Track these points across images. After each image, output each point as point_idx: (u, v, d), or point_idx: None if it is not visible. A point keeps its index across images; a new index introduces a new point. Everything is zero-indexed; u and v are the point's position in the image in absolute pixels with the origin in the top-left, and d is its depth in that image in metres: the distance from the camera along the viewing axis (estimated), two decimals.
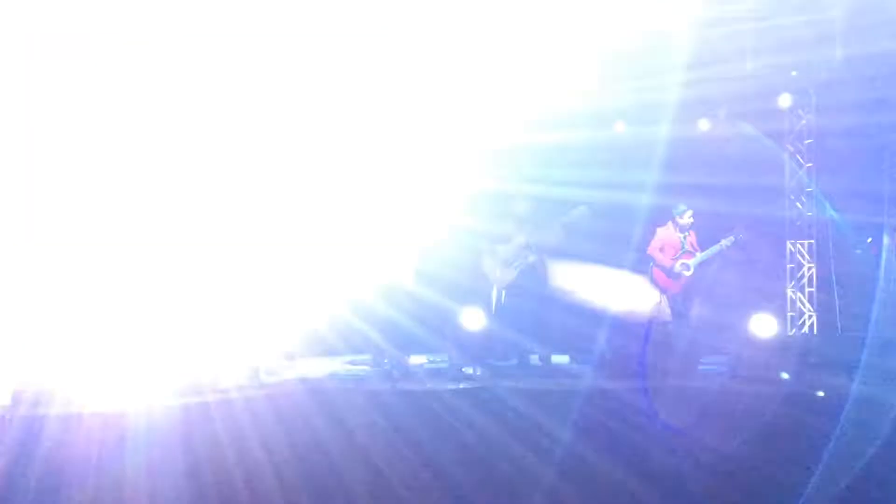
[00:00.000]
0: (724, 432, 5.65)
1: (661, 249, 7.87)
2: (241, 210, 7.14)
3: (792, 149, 9.25)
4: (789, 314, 9.12)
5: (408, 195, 8.16)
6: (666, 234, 7.94)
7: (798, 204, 9.22)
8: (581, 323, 7.96)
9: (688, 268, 7.76)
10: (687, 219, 7.86)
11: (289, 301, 7.56)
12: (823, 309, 8.93)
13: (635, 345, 7.06)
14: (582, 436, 5.64)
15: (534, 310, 7.85)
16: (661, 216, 8.14)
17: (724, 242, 7.76)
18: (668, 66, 8.12)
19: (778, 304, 8.88)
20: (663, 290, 7.84)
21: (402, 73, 7.83)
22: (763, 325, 6.15)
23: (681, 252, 7.84)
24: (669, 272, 7.80)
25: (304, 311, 7.89)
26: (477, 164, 8.47)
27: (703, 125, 9.11)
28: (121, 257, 6.47)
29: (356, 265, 8.48)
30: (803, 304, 9.10)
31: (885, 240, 8.13)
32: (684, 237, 7.91)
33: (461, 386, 6.16)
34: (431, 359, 8.06)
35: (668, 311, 7.80)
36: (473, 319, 6.20)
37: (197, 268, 6.66)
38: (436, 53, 7.79)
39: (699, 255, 7.81)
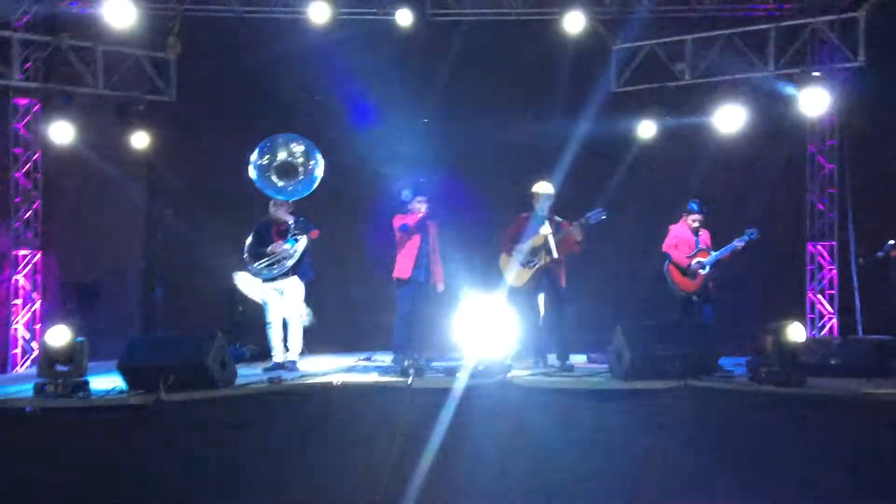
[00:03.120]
0: None
1: (676, 247, 7.76)
2: None
3: (814, 149, 9.16)
4: (810, 317, 9.02)
5: None
6: (679, 231, 7.84)
7: (819, 206, 9.12)
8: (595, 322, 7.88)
9: (703, 266, 7.63)
10: (694, 223, 7.74)
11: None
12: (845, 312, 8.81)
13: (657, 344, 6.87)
14: None
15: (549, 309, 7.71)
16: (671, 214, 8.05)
17: (739, 242, 7.61)
18: None
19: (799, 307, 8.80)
20: (680, 289, 7.71)
21: None
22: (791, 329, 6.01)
23: (695, 250, 7.72)
24: (685, 270, 7.67)
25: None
26: None
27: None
28: None
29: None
30: (824, 307, 8.99)
31: None
32: (697, 235, 7.79)
33: (481, 382, 6.00)
34: (449, 356, 7.92)
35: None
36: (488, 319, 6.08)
37: None
38: None
39: (714, 254, 7.68)
